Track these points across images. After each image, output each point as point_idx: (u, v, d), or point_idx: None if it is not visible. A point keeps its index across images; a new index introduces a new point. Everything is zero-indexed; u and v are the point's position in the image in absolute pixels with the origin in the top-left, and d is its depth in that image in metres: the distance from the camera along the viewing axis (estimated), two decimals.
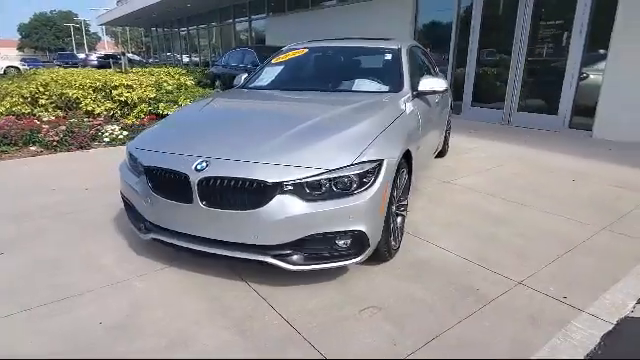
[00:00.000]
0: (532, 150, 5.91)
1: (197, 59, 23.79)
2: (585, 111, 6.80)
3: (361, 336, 2.04)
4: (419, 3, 9.34)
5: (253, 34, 16.63)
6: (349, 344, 1.99)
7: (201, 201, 2.26)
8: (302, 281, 2.48)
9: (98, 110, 7.05)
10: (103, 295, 2.40)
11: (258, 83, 3.93)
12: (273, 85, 3.86)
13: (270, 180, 2.16)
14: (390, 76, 3.55)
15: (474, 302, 2.30)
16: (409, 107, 3.15)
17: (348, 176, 2.21)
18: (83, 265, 2.73)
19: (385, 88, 3.47)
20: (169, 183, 2.38)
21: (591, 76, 6.74)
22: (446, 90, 3.46)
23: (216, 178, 2.23)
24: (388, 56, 3.77)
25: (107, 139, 6.17)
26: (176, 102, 6.63)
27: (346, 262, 2.29)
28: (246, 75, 4.15)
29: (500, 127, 7.73)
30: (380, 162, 2.31)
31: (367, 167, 2.25)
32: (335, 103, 3.12)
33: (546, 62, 7.30)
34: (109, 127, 6.28)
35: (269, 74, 3.98)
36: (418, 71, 4.01)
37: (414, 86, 3.42)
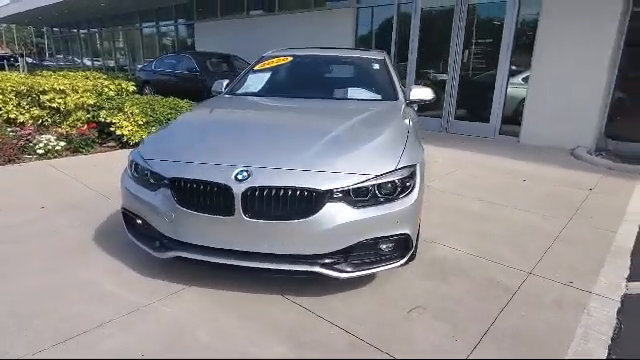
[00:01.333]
0: (477, 155, 6.50)
1: (112, 63, 21.93)
2: (512, 120, 7.69)
3: (420, 335, 2.10)
4: (359, 17, 9.76)
5: (177, 39, 15.89)
6: (413, 344, 2.03)
7: (244, 213, 2.14)
8: (336, 290, 2.46)
9: (22, 118, 6.19)
10: (128, 324, 2.14)
11: (249, 89, 3.80)
12: (268, 92, 3.78)
13: (322, 188, 2.13)
14: (382, 85, 3.69)
15: (503, 293, 2.49)
16: (407, 115, 3.31)
17: (393, 181, 2.26)
18: (84, 293, 2.40)
19: (379, 96, 3.60)
20: (202, 196, 2.22)
21: (518, 90, 7.65)
22: (432, 99, 3.69)
23: (262, 188, 2.13)
24: (376, 65, 3.91)
25: (41, 151, 5.42)
26: (121, 109, 6.07)
27: (391, 265, 2.34)
28: (227, 82, 3.99)
29: (439, 134, 8.38)
30: (414, 167, 2.41)
31: (406, 172, 2.33)
32: (346, 111, 3.16)
33: (478, 76, 8.11)
34: (43, 137, 5.54)
35: (257, 81, 3.88)
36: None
37: (405, 95, 3.60)
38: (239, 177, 2.16)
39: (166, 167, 2.35)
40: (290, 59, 4.00)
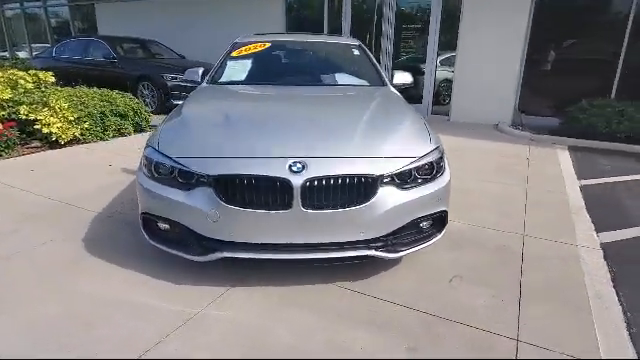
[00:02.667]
0: None
1: None
2: (443, 100, 8.41)
3: (472, 301, 2.31)
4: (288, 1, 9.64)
5: (73, 22, 13.99)
6: (472, 310, 2.23)
7: (303, 205, 2.11)
8: (375, 272, 2.56)
9: None
10: (190, 335, 2.00)
11: (233, 78, 3.61)
12: (258, 80, 3.63)
13: (377, 173, 2.19)
14: (367, 70, 3.79)
15: (513, 255, 2.83)
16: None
17: (431, 162, 2.41)
18: (117, 311, 2.16)
19: (366, 82, 3.69)
20: (255, 191, 2.13)
21: (446, 73, 8.36)
22: (412, 83, 3.89)
23: (320, 178, 2.12)
24: (356, 51, 3.99)
25: None
26: (46, 104, 5.26)
27: (432, 241, 2.49)
28: (202, 70, 3.74)
29: None
30: (442, 147, 2.58)
31: (438, 153, 2.49)
32: (355, 97, 3.23)
33: (411, 60, 8.63)
34: None
35: (239, 68, 3.70)
36: None
37: (390, 80, 3.76)
38: (294, 169, 2.12)
39: (206, 165, 2.19)
40: (268, 45, 3.88)
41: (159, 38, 10.24)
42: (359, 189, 2.18)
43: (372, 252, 2.29)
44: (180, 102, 8.17)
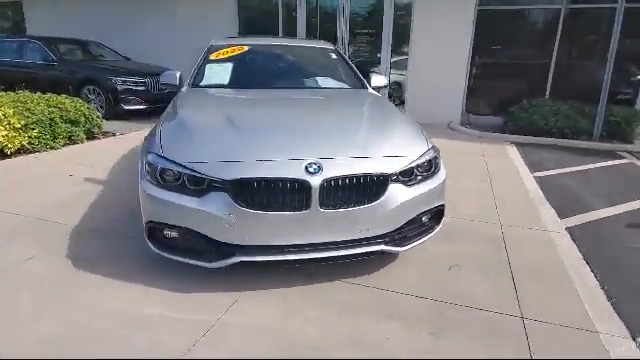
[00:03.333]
0: None
1: None
2: (393, 102, 8.78)
3: (472, 287, 2.49)
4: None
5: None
6: (472, 291, 2.41)
7: (320, 205, 2.16)
8: (376, 267, 2.65)
9: None
10: (216, 343, 1.98)
11: (214, 81, 3.54)
12: (242, 83, 3.59)
13: (388, 172, 2.30)
14: (347, 73, 3.91)
15: (498, 242, 3.08)
16: None
17: (429, 160, 2.56)
18: (132, 325, 2.07)
19: (347, 85, 3.80)
20: (273, 194, 2.14)
21: (396, 76, 8.76)
22: (386, 85, 4.06)
23: (336, 178, 2.18)
24: (333, 55, 4.09)
25: None
26: None
27: (432, 233, 2.64)
28: (179, 73, 3.63)
29: None
30: (436, 147, 2.75)
31: (434, 152, 2.66)
32: (345, 100, 3.33)
33: (366, 64, 8.90)
34: None
35: (220, 72, 3.63)
36: None
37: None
38: (310, 170, 2.16)
39: (221, 169, 2.16)
40: (246, 49, 3.85)
41: (98, 38, 9.63)
42: (372, 187, 2.27)
43: (383, 247, 2.38)
44: (131, 107, 8.00)
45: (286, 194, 2.15)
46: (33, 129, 5.24)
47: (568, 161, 5.66)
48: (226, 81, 3.57)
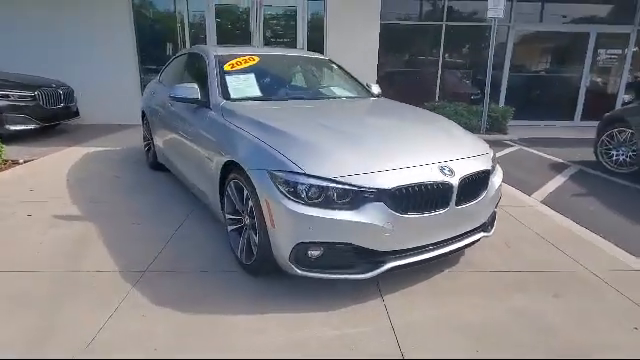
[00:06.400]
0: None
1: None
2: None
3: (532, 252, 3.06)
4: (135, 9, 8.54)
5: None
6: (535, 255, 2.98)
7: (456, 203, 2.41)
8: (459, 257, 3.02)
9: None
10: (419, 344, 2.06)
11: (248, 94, 3.31)
12: (273, 94, 3.57)
13: (488, 167, 2.67)
14: (352, 83, 4.11)
15: (507, 216, 3.74)
16: None
17: (494, 156, 3.02)
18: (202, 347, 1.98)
19: (357, 93, 4.00)
20: (420, 197, 2.30)
21: None
22: (380, 93, 4.38)
23: (467, 177, 2.46)
24: (334, 65, 4.24)
25: None
26: None
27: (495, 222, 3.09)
28: (196, 86, 3.28)
29: None
30: None
31: (491, 150, 3.11)
32: (379, 107, 3.60)
33: None
34: None
35: (244, 83, 3.39)
36: None
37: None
38: (445, 172, 2.38)
39: (374, 179, 2.22)
40: (257, 59, 3.69)
41: None
42: (484, 182, 2.62)
43: (482, 234, 2.75)
44: (18, 127, 6.46)
45: (431, 196, 2.33)
46: None
47: None
48: (258, 93, 3.39)
